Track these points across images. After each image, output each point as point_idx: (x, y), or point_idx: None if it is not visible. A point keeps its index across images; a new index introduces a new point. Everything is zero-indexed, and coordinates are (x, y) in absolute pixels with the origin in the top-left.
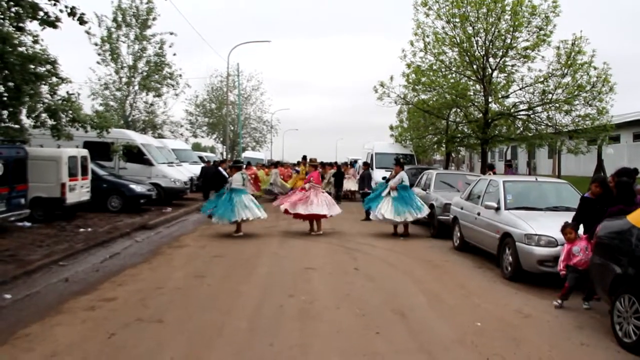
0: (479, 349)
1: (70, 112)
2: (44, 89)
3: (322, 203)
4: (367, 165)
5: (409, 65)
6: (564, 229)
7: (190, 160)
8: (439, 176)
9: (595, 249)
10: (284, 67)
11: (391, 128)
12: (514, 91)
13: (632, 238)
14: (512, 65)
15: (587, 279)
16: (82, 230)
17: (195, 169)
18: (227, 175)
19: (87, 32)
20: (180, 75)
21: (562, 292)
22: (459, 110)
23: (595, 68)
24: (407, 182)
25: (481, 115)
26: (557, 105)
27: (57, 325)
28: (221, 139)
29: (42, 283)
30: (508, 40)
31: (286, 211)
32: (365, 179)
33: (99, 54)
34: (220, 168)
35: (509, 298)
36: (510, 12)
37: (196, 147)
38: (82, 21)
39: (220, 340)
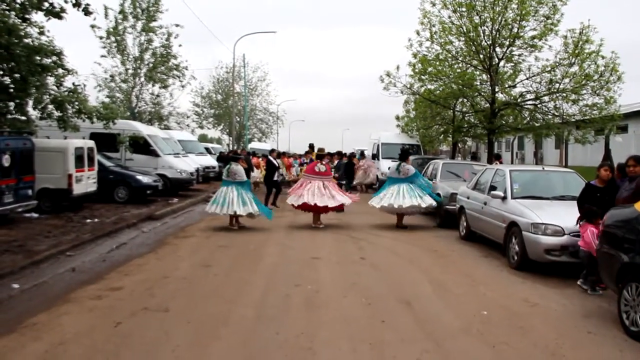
0: (485, 337)
1: (77, 103)
2: (50, 80)
3: (312, 194)
4: (340, 155)
5: (415, 55)
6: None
7: (197, 152)
8: (445, 166)
9: (602, 237)
10: (291, 58)
11: (397, 118)
12: (521, 81)
13: (639, 226)
14: (519, 55)
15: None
16: (89, 221)
17: (201, 160)
18: (276, 164)
19: (92, 26)
20: (187, 67)
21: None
22: (465, 100)
23: (603, 57)
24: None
25: (488, 105)
26: (565, 94)
27: (64, 314)
28: (227, 130)
29: (49, 273)
30: (515, 30)
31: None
32: (340, 169)
33: (104, 47)
34: (270, 157)
35: (516, 287)
36: (517, 1)
37: (202, 138)
38: (87, 12)
39: (227, 329)
